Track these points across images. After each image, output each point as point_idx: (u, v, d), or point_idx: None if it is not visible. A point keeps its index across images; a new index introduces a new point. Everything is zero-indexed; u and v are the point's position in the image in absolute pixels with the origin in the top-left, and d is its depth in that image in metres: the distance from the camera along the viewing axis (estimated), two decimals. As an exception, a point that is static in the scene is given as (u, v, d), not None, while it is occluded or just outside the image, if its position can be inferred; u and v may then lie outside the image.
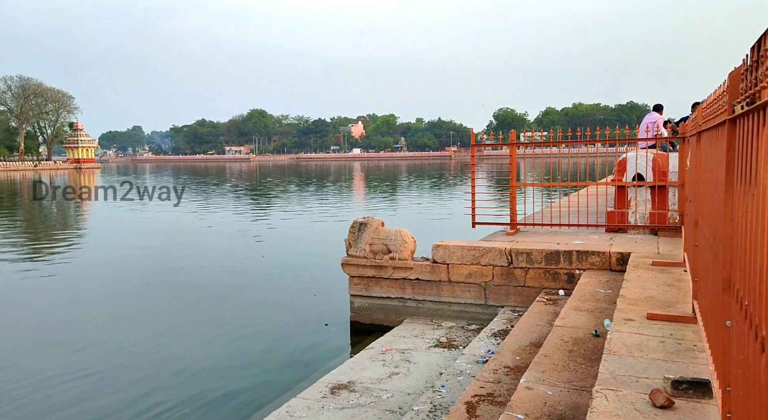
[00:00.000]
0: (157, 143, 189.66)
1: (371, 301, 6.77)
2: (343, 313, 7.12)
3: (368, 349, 5.41)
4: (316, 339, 6.69)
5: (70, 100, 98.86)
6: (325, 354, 6.11)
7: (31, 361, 6.05)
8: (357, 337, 6.55)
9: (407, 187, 34.95)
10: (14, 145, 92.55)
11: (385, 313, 6.69)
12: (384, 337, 5.78)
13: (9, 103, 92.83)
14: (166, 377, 5.57)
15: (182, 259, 11.92)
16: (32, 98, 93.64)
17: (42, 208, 26.64)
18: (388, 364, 4.91)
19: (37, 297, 9.03)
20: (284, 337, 6.75)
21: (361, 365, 4.93)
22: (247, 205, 25.06)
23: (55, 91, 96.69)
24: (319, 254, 12.28)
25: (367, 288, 6.76)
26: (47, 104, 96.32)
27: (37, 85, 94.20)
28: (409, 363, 4.94)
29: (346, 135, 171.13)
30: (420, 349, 5.34)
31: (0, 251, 13.43)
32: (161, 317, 7.71)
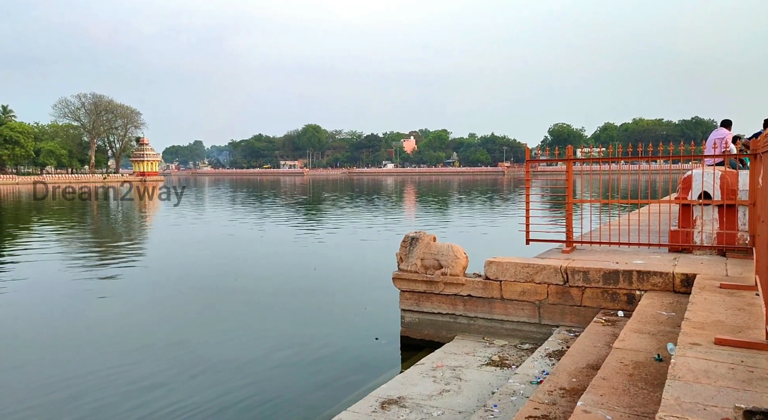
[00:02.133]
0: (216, 157, 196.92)
1: (422, 317, 6.73)
2: (394, 328, 7.10)
3: (419, 364, 5.37)
4: (366, 352, 6.70)
5: (137, 116, 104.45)
6: (375, 368, 6.10)
7: (105, 361, 6.35)
8: (407, 352, 6.52)
9: (459, 203, 34.69)
10: (86, 158, 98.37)
11: (435, 328, 6.63)
12: (435, 353, 5.73)
13: (83, 119, 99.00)
14: (213, 385, 5.71)
15: (237, 269, 12.25)
16: (103, 114, 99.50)
17: (109, 217, 28.09)
18: (438, 381, 4.86)
19: (101, 301, 9.50)
20: (334, 350, 6.79)
21: (411, 381, 4.89)
22: (300, 217, 25.54)
23: (124, 108, 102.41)
24: (370, 268, 12.35)
25: (418, 303, 6.73)
26: (117, 120, 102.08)
27: (108, 101, 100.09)
28: (461, 380, 4.87)
29: (398, 150, 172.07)
30: (471, 366, 5.25)
31: (69, 257, 14.25)
32: (214, 325, 7.92)
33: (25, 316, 8.64)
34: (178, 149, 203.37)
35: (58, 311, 8.86)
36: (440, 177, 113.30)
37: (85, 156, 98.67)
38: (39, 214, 29.66)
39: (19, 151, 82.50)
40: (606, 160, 7.88)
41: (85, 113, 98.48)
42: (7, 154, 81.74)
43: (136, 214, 30.43)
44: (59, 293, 10.13)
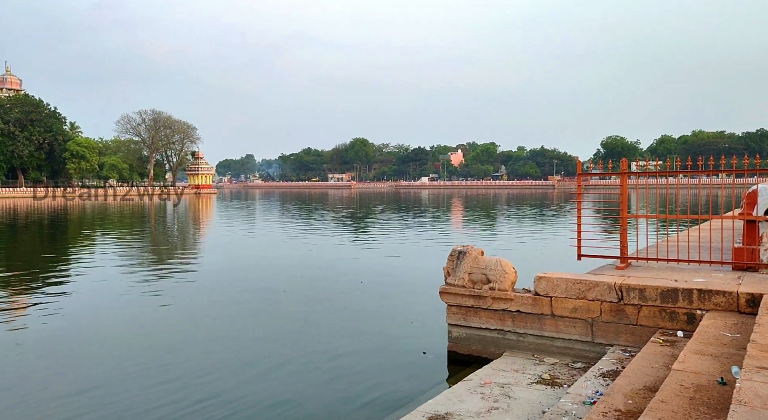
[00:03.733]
0: (266, 170, 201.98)
1: (470, 332, 6.64)
2: (440, 342, 7.03)
3: (466, 380, 5.29)
4: (413, 366, 6.65)
5: (193, 131, 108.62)
6: (422, 382, 6.05)
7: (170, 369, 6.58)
8: (454, 367, 6.43)
9: (507, 217, 34.17)
10: (145, 171, 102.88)
11: (483, 344, 6.53)
12: (483, 370, 5.63)
13: (143, 134, 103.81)
14: (257, 394, 5.79)
15: (285, 280, 12.44)
16: (162, 129, 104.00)
17: (165, 229, 29.21)
18: (487, 398, 4.77)
19: (155, 307, 9.86)
20: (381, 363, 6.78)
21: (459, 397, 4.82)
22: (348, 230, 25.78)
23: (181, 123, 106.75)
24: (417, 281, 12.30)
25: (466, 318, 6.65)
26: (174, 135, 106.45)
27: (166, 117, 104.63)
28: (509, 398, 4.76)
29: (446, 163, 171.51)
30: (521, 384, 5.13)
31: (130, 263, 14.89)
32: (261, 336, 8.01)
33: (94, 316, 9.06)
34: (231, 163, 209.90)
35: (113, 314, 9.25)
36: (488, 190, 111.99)
37: (145, 169, 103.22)
38: (103, 225, 31.17)
39: (85, 165, 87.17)
40: (663, 173, 7.60)
41: (146, 129, 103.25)
42: (74, 167, 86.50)
43: (190, 225, 31.53)
44: (116, 297, 10.57)
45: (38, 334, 8.25)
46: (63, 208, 48.26)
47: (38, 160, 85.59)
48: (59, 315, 9.29)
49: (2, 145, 79.92)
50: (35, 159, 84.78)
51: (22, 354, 7.32)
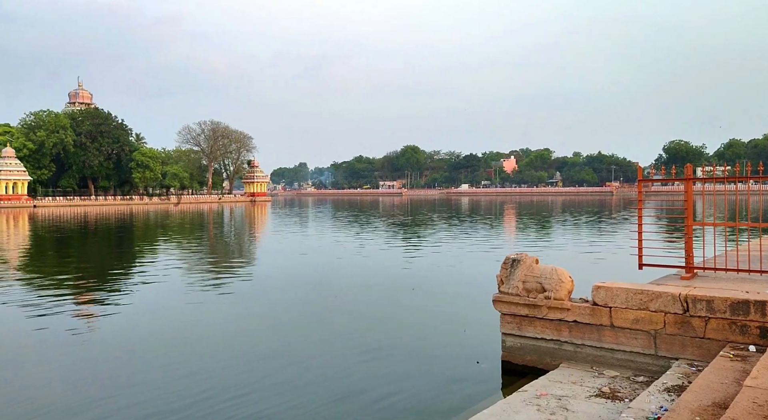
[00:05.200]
0: (319, 178, 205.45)
1: (524, 341, 6.50)
2: (494, 351, 6.92)
3: (521, 391, 5.18)
4: (466, 376, 6.57)
5: (249, 140, 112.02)
6: (475, 392, 5.96)
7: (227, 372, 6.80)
8: (509, 378, 6.31)
9: (563, 224, 33.28)
10: (204, 180, 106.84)
11: (539, 354, 6.37)
12: (538, 381, 5.49)
13: (202, 144, 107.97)
14: (306, 400, 5.85)
15: (336, 287, 12.58)
16: (220, 139, 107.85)
17: (222, 236, 30.19)
18: (543, 410, 4.65)
19: (211, 310, 10.19)
20: (433, 372, 6.73)
21: (513, 408, 4.72)
22: (399, 237, 25.82)
23: (238, 133, 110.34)
24: (469, 289, 12.16)
25: (520, 327, 6.51)
26: (231, 144, 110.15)
27: (224, 127, 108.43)
28: (567, 411, 4.62)
29: (498, 169, 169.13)
30: (579, 397, 4.97)
31: (188, 270, 15.47)
32: (311, 343, 8.06)
33: (154, 318, 9.47)
34: (284, 171, 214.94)
35: (175, 316, 9.63)
36: (542, 197, 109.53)
37: (204, 178, 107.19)
38: (166, 231, 32.58)
39: (149, 174, 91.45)
40: (732, 179, 7.20)
41: (205, 139, 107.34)
42: (139, 176, 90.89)
43: (247, 231, 32.45)
44: (178, 300, 11.00)
45: (106, 333, 8.69)
46: (161, 214, 50.73)
47: (107, 170, 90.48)
48: (123, 314, 9.76)
49: (75, 156, 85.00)
50: (104, 169, 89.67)
51: (92, 352, 7.72)
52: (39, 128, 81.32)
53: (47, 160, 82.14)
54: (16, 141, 78.24)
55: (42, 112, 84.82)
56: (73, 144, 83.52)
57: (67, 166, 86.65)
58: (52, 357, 7.52)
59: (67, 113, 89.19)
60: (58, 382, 6.48)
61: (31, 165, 78.51)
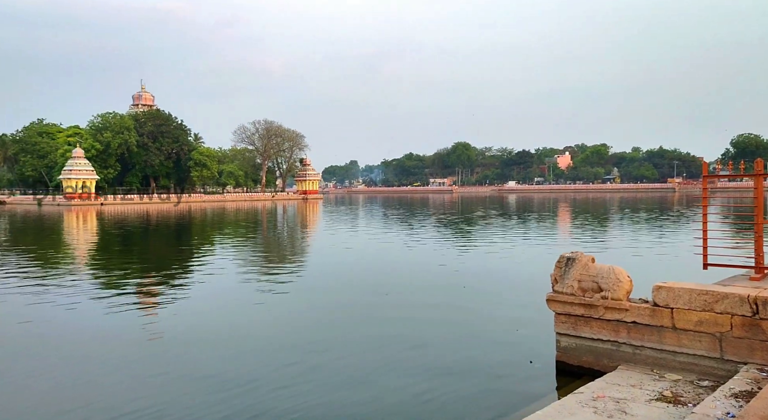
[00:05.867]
0: (369, 176, 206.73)
1: (579, 342, 6.34)
2: (547, 352, 6.79)
3: (577, 393, 5.06)
4: (519, 376, 6.47)
5: (301, 139, 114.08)
6: (528, 393, 5.87)
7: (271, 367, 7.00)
8: (563, 379, 6.18)
9: (620, 222, 32.15)
10: (258, 178, 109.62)
11: (595, 356, 6.20)
12: (595, 383, 5.35)
13: (256, 143, 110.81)
14: (359, 396, 5.91)
15: (387, 284, 12.62)
16: (273, 138, 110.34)
17: (276, 233, 30.91)
18: (600, 413, 4.53)
19: (262, 307, 10.47)
20: (485, 371, 6.66)
21: (569, 410, 4.63)
22: (450, 234, 25.67)
23: (291, 132, 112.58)
24: (521, 287, 11.96)
25: (575, 327, 6.36)
26: (284, 143, 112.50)
27: (277, 126, 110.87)
28: (625, 414, 4.48)
29: (552, 166, 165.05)
30: (638, 400, 4.81)
31: (243, 265, 15.95)
32: (363, 338, 8.13)
33: (211, 316, 9.84)
34: (336, 169, 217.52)
35: (226, 314, 9.97)
36: (598, 194, 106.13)
37: (257, 176, 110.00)
38: (223, 227, 33.70)
39: (207, 172, 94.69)
40: (807, 173, 6.76)
41: (259, 138, 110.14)
42: (197, 175, 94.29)
43: (299, 228, 33.11)
44: (234, 296, 11.38)
45: (165, 327, 9.09)
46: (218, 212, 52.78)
47: (167, 169, 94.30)
48: (183, 309, 10.19)
49: (138, 156, 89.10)
50: (164, 168, 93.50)
51: (156, 347, 8.11)
52: (105, 129, 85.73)
53: (113, 160, 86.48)
54: (85, 142, 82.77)
55: (108, 114, 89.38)
56: (136, 144, 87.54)
57: (130, 166, 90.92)
58: (118, 348, 7.94)
59: (131, 115, 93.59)
60: (124, 372, 6.85)
61: (98, 164, 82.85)
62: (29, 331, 8.79)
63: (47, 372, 6.78)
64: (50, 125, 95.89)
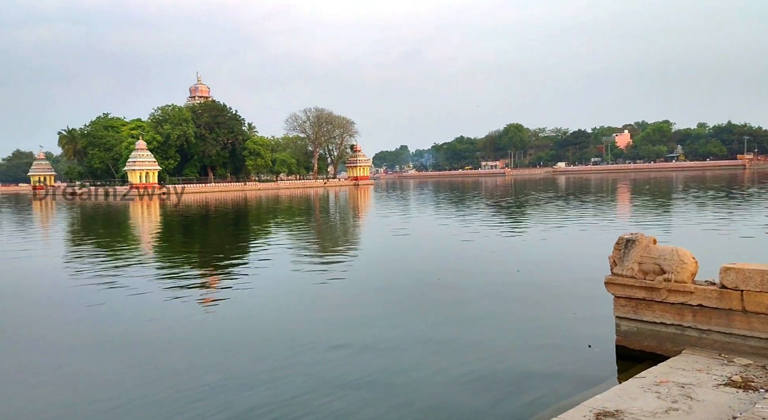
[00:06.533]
0: (419, 160, 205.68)
1: (641, 326, 6.14)
2: (606, 336, 6.62)
3: (638, 377, 4.92)
4: (577, 360, 6.35)
5: (352, 125, 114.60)
6: (587, 377, 5.75)
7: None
8: (624, 363, 6.01)
9: (684, 201, 30.66)
10: (310, 165, 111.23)
11: (658, 340, 5.99)
12: (658, 367, 5.18)
13: (308, 130, 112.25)
14: (420, 380, 5.96)
15: (439, 269, 12.57)
16: (324, 125, 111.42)
17: (329, 218, 31.38)
18: (663, 398, 4.38)
19: (315, 292, 10.68)
20: (542, 354, 6.57)
21: (630, 394, 4.50)
22: (502, 217, 25.27)
23: (341, 119, 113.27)
24: (578, 270, 11.67)
25: (636, 311, 6.15)
26: (335, 130, 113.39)
27: (328, 114, 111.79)
28: (691, 399, 4.32)
29: (610, 145, 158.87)
30: (705, 385, 4.62)
31: (296, 254, 16.31)
32: (417, 328, 8.08)
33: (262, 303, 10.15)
34: (386, 154, 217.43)
35: (287, 298, 10.24)
36: (661, 173, 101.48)
37: (309, 163, 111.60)
38: (279, 214, 34.53)
39: (260, 161, 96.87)
40: None
41: (310, 125, 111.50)
42: (252, 164, 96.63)
43: (351, 213, 33.48)
44: (288, 281, 11.67)
45: (222, 313, 9.46)
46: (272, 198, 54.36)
47: (223, 159, 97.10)
48: (238, 295, 10.55)
49: (196, 146, 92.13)
50: (221, 157, 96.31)
51: (215, 331, 8.45)
52: (165, 122, 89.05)
53: (173, 151, 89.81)
54: (147, 134, 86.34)
55: (167, 106, 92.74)
56: (194, 135, 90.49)
57: (189, 156, 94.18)
58: (177, 332, 8.33)
59: (189, 107, 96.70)
60: (181, 355, 7.19)
61: (159, 156, 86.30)
62: (98, 316, 9.36)
63: (111, 355, 7.21)
64: (115, 119, 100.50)
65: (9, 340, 7.99)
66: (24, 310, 9.95)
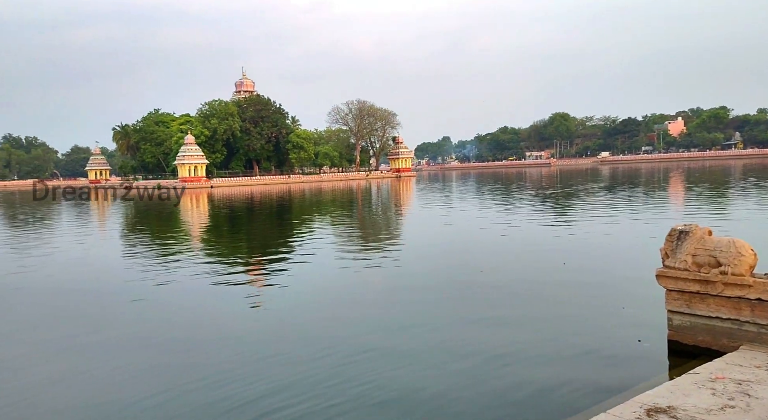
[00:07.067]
0: (462, 152, 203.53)
1: (694, 320, 5.91)
2: (657, 330, 6.41)
3: (692, 373, 4.74)
4: (626, 354, 6.18)
5: (393, 117, 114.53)
6: (637, 372, 5.59)
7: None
8: (676, 359, 5.81)
9: (743, 191, 29.21)
10: (352, 158, 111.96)
11: (713, 335, 5.76)
12: (713, 363, 4.98)
13: (350, 123, 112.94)
14: (474, 383, 5.93)
15: (482, 261, 12.42)
16: (366, 118, 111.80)
17: (371, 210, 31.52)
18: (719, 394, 4.22)
19: (359, 285, 10.76)
20: (590, 349, 6.41)
21: (683, 390, 4.35)
22: (547, 208, 24.75)
23: (383, 111, 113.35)
24: (626, 262, 11.34)
25: (689, 305, 5.93)
26: (377, 122, 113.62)
27: (370, 106, 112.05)
28: (749, 397, 4.14)
29: (662, 133, 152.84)
30: (764, 382, 4.41)
31: (338, 243, 16.48)
32: (461, 321, 8.01)
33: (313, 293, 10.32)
34: (428, 146, 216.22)
35: (333, 289, 10.38)
36: (717, 162, 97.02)
37: (352, 156, 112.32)
38: (322, 206, 34.97)
39: (304, 154, 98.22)
40: None
41: (352, 118, 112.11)
42: (295, 157, 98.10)
43: (394, 205, 33.54)
44: (332, 271, 11.82)
45: (270, 304, 9.66)
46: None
47: (267, 152, 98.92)
48: (284, 283, 10.76)
49: (241, 140, 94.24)
50: (265, 151, 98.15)
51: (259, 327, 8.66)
52: (212, 116, 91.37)
53: (220, 145, 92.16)
54: (195, 129, 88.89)
55: (214, 101, 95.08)
56: (239, 129, 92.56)
57: (235, 150, 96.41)
58: (228, 323, 8.58)
59: (234, 101, 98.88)
60: (232, 345, 7.39)
61: (207, 149, 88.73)
62: (143, 308, 9.74)
63: (159, 345, 7.50)
64: (165, 114, 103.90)
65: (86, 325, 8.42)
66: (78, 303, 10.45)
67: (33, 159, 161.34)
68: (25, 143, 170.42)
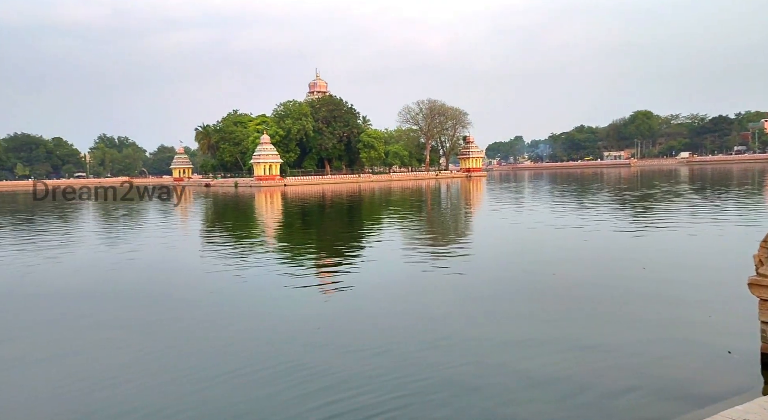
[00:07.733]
0: (535, 151, 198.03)
1: (793, 334, 5.45)
2: (748, 342, 5.98)
3: (789, 390, 4.38)
4: (714, 367, 5.79)
5: (464, 116, 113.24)
6: (726, 386, 5.24)
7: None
8: (770, 373, 5.39)
9: None
10: (422, 157, 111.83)
11: (814, 351, 5.28)
12: (813, 380, 4.58)
13: (420, 122, 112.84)
14: (530, 383, 5.77)
15: (556, 264, 12.03)
16: (437, 117, 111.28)
17: (440, 211, 31.37)
18: (821, 415, 3.86)
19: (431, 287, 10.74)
20: (676, 359, 6.05)
21: (778, 407, 4.02)
22: (627, 212, 23.59)
23: (453, 110, 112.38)
24: (713, 269, 10.64)
25: (788, 316, 5.47)
26: (447, 121, 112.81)
27: (440, 105, 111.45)
28: None
29: (758, 132, 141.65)
30: None
31: (407, 243, 16.53)
32: (532, 324, 7.83)
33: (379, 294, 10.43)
34: (499, 145, 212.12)
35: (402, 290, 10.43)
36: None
37: (421, 155, 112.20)
38: (391, 206, 35.26)
39: (374, 153, 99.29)
40: None
41: (422, 117, 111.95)
42: (366, 156, 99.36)
43: (463, 206, 33.21)
44: (399, 274, 11.88)
45: (336, 301, 9.85)
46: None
47: (339, 151, 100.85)
48: (352, 283, 10.93)
49: (314, 140, 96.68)
50: (337, 150, 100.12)
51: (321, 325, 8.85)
52: (287, 117, 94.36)
53: (293, 145, 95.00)
54: (270, 129, 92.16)
55: (289, 102, 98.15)
56: (312, 129, 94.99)
57: (308, 150, 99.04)
58: (295, 323, 8.83)
59: (308, 102, 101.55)
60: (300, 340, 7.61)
61: (281, 149, 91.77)
62: (217, 301, 10.21)
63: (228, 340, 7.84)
64: (242, 115, 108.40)
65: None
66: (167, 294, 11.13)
67: (124, 158, 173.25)
68: (118, 143, 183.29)
